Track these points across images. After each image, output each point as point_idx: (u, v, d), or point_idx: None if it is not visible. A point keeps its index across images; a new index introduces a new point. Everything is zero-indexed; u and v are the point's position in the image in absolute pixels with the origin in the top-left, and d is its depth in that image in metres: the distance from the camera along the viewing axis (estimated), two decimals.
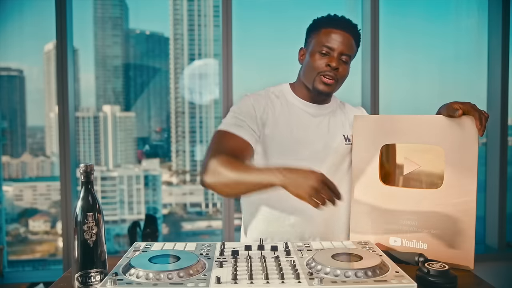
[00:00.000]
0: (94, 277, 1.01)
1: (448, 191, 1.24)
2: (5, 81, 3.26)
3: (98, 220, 1.01)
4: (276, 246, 1.20)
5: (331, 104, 1.54)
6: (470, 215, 1.21)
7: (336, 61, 1.40)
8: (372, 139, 1.38)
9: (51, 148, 3.50)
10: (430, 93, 3.37)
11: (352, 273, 0.98)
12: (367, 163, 1.38)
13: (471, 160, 1.21)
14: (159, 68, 3.67)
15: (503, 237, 3.03)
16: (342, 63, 1.42)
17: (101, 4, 3.57)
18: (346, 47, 1.41)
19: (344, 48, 1.41)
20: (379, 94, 2.85)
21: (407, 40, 3.34)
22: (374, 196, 1.36)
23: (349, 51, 1.42)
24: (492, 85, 3.04)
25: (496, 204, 3.02)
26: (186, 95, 3.63)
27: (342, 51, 1.41)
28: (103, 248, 1.03)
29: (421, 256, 1.19)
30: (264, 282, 0.95)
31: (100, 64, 3.55)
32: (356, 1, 2.98)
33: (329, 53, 1.41)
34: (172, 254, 1.11)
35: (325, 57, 1.41)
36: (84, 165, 1.01)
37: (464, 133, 1.23)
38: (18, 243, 3.40)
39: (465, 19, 3.33)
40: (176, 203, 3.76)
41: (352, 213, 1.42)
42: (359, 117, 1.43)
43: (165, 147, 3.71)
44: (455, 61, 3.38)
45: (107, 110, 3.61)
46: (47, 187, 3.51)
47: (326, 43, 1.41)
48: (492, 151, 3.04)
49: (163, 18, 3.67)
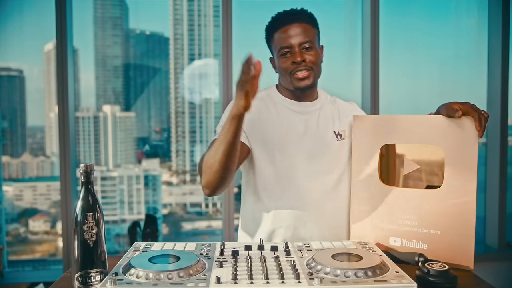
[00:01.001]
0: (94, 277, 1.01)
1: (448, 191, 1.24)
2: (5, 81, 3.26)
3: (98, 220, 1.01)
4: (276, 246, 1.20)
5: (319, 100, 1.54)
6: (470, 215, 1.21)
7: (299, 54, 1.40)
8: (372, 139, 1.38)
9: (51, 148, 3.50)
10: (430, 93, 3.37)
11: (352, 273, 0.98)
12: (367, 163, 1.38)
13: (471, 160, 1.21)
14: (159, 68, 3.67)
15: (503, 237, 3.03)
16: (307, 52, 1.42)
17: (101, 4, 3.57)
18: (302, 36, 1.41)
19: (300, 38, 1.41)
20: (379, 94, 2.85)
21: (407, 40, 3.34)
22: (374, 196, 1.36)
23: (306, 38, 1.42)
24: (492, 85, 3.04)
25: (496, 204, 3.02)
26: (186, 95, 3.63)
27: (300, 42, 1.41)
28: (103, 248, 1.03)
29: (421, 256, 1.19)
30: (264, 282, 0.95)
31: (100, 64, 3.55)
32: (356, 1, 2.97)
33: (290, 52, 1.42)
34: (172, 254, 1.11)
35: (288, 57, 1.42)
36: (84, 165, 1.01)
37: (464, 133, 1.22)
38: (18, 243, 3.40)
39: (465, 19, 3.33)
40: (176, 203, 3.76)
41: (352, 213, 1.42)
42: (359, 117, 1.43)
43: (165, 147, 3.71)
44: (455, 61, 3.38)
45: (107, 110, 3.61)
46: (47, 187, 3.51)
47: (281, 45, 1.42)
48: (492, 151, 3.04)
49: (163, 18, 3.67)
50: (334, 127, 1.51)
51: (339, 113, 1.54)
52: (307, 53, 1.42)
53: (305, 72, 1.42)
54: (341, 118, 1.53)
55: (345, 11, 3.06)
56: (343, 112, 1.55)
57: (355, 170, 1.41)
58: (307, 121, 1.49)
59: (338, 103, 1.58)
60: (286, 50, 1.42)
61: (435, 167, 1.32)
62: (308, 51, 1.42)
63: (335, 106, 1.56)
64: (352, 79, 3.02)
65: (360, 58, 2.94)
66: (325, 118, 1.51)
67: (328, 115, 1.52)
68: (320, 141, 1.47)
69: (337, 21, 3.04)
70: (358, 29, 2.96)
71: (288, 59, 1.42)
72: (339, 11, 3.04)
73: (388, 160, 1.41)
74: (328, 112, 1.53)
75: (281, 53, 1.43)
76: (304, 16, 1.44)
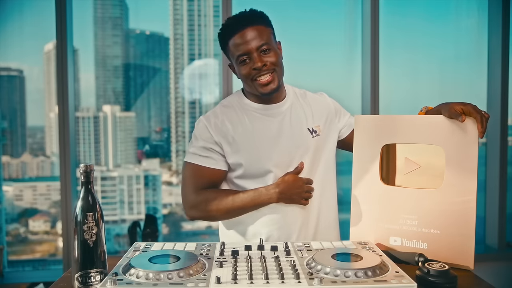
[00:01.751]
0: (94, 277, 1.01)
1: (448, 191, 1.24)
2: (5, 81, 3.26)
3: (98, 220, 1.01)
4: (276, 246, 1.20)
5: (287, 99, 1.50)
6: (470, 215, 1.21)
7: (258, 59, 1.36)
8: (373, 139, 1.38)
9: (51, 148, 3.50)
10: (430, 93, 3.37)
11: (352, 273, 0.98)
12: (367, 163, 1.38)
13: (471, 160, 1.21)
14: (159, 68, 3.67)
15: (503, 237, 3.03)
16: (265, 55, 1.38)
17: (101, 4, 3.57)
18: (258, 40, 1.36)
19: (256, 42, 1.36)
20: (379, 94, 2.85)
21: (407, 40, 3.34)
22: (374, 196, 1.36)
23: (262, 40, 1.37)
24: (492, 85, 3.04)
25: (496, 204, 3.02)
26: (186, 95, 3.63)
27: (256, 46, 1.36)
28: (103, 248, 1.03)
29: (421, 256, 1.19)
30: (264, 282, 0.95)
31: (100, 64, 3.55)
32: (356, 1, 2.98)
33: (248, 57, 1.38)
34: (172, 254, 1.11)
35: (247, 63, 1.38)
36: (84, 165, 1.01)
37: (464, 133, 1.22)
38: (18, 243, 3.40)
39: (465, 19, 3.33)
40: (176, 203, 3.76)
41: (352, 213, 1.41)
42: (360, 117, 1.43)
43: (165, 147, 3.71)
44: (455, 61, 3.38)
45: (107, 110, 3.61)
46: (47, 187, 3.51)
47: (238, 53, 1.38)
48: (492, 151, 3.04)
49: (163, 18, 3.67)
50: (308, 125, 1.48)
51: (311, 109, 1.51)
52: (266, 56, 1.37)
53: (268, 76, 1.38)
54: (314, 114, 1.50)
55: (345, 11, 3.06)
56: (315, 107, 1.52)
57: (356, 169, 1.41)
58: (279, 123, 1.46)
59: (309, 97, 1.55)
60: (244, 57, 1.37)
61: (436, 167, 1.32)
62: (266, 53, 1.38)
63: (306, 101, 1.53)
64: (352, 79, 3.02)
65: (360, 58, 2.94)
66: (297, 117, 1.48)
67: (300, 113, 1.49)
68: (296, 141, 1.45)
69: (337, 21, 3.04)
70: (358, 29, 2.96)
71: (248, 65, 1.38)
72: (339, 11, 3.03)
73: (388, 160, 1.41)
74: (300, 110, 1.50)
75: (240, 60, 1.39)
76: (255, 18, 1.39)
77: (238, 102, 1.49)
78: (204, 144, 1.42)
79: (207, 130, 1.43)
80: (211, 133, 1.42)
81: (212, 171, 1.42)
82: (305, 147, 1.45)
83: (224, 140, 1.42)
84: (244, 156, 1.41)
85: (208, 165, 1.42)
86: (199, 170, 1.42)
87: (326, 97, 1.59)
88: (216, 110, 1.48)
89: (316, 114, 1.51)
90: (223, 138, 1.42)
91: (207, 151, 1.42)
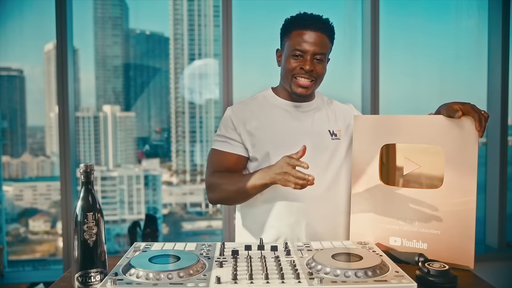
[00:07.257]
0: (94, 277, 1.01)
1: (448, 191, 1.24)
2: (5, 81, 3.26)
3: (98, 220, 1.01)
4: (276, 246, 1.20)
5: (315, 101, 1.54)
6: (470, 215, 1.21)
7: (310, 63, 1.40)
8: (373, 139, 1.38)
9: (51, 148, 3.50)
10: (430, 93, 3.36)
11: (352, 273, 0.98)
12: (367, 163, 1.38)
13: (471, 160, 1.21)
14: (159, 68, 3.67)
15: (503, 237, 3.03)
16: (317, 63, 1.42)
17: (101, 4, 3.57)
18: (319, 47, 1.41)
19: (317, 48, 1.40)
20: (379, 94, 2.85)
21: (407, 40, 3.34)
22: (374, 196, 1.36)
23: (322, 50, 1.41)
24: (492, 85, 3.04)
25: (496, 204, 3.02)
26: (186, 95, 3.63)
27: (315, 52, 1.40)
28: (103, 248, 1.03)
29: (421, 256, 1.19)
30: (264, 282, 0.95)
31: (100, 64, 3.55)
32: (356, 1, 2.97)
33: (302, 56, 1.41)
34: (172, 254, 1.11)
35: (298, 60, 1.42)
36: (84, 165, 1.01)
37: (464, 133, 1.23)
38: (18, 243, 3.40)
39: (465, 19, 3.33)
40: (176, 203, 3.76)
41: (352, 213, 1.42)
42: (359, 117, 1.43)
43: (165, 147, 3.71)
44: (455, 61, 3.38)
45: (107, 110, 3.61)
46: (47, 187, 3.51)
47: (298, 47, 1.41)
48: (492, 151, 3.04)
49: (163, 18, 3.67)
50: (329, 127, 1.51)
51: (335, 114, 1.54)
52: (317, 64, 1.42)
53: (308, 82, 1.43)
54: (337, 119, 1.54)
55: (345, 11, 3.06)
56: (339, 113, 1.55)
57: (356, 169, 1.41)
58: (302, 121, 1.49)
59: (335, 105, 1.59)
60: (298, 52, 1.41)
61: (436, 167, 1.32)
62: (318, 62, 1.42)
63: (331, 107, 1.57)
64: (352, 79, 3.02)
65: (360, 58, 2.94)
66: (320, 117, 1.52)
67: (323, 115, 1.53)
68: (315, 140, 1.47)
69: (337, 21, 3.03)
70: (358, 29, 2.96)
71: (298, 62, 1.42)
72: (339, 11, 3.03)
73: (388, 160, 1.41)
74: (324, 112, 1.54)
75: (293, 54, 1.42)
76: (327, 28, 1.44)
77: (266, 97, 1.54)
78: (225, 131, 1.49)
79: (229, 119, 1.49)
80: (233, 122, 1.48)
81: (228, 155, 1.47)
82: (323, 146, 1.48)
83: (243, 130, 1.47)
84: (262, 148, 1.45)
85: (224, 149, 1.48)
86: (217, 155, 1.49)
87: (352, 108, 1.62)
88: (243, 101, 1.54)
89: (339, 120, 1.54)
90: (243, 128, 1.47)
91: (225, 138, 1.48)
